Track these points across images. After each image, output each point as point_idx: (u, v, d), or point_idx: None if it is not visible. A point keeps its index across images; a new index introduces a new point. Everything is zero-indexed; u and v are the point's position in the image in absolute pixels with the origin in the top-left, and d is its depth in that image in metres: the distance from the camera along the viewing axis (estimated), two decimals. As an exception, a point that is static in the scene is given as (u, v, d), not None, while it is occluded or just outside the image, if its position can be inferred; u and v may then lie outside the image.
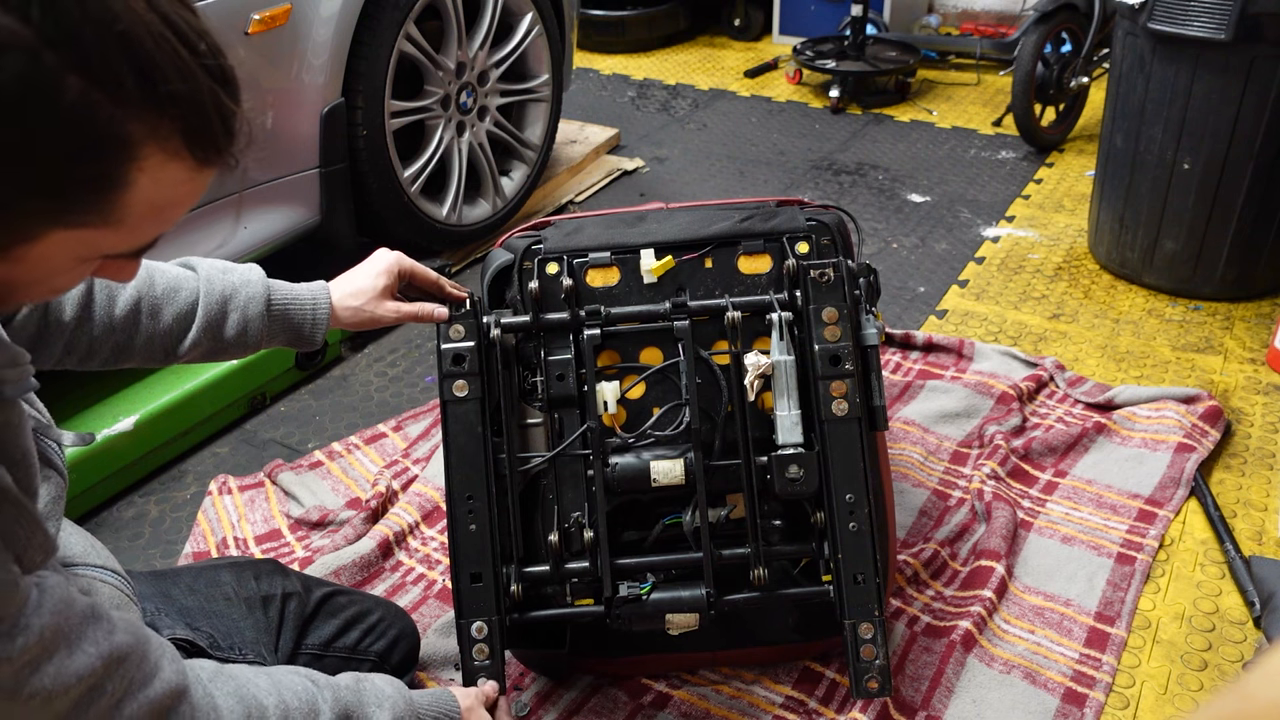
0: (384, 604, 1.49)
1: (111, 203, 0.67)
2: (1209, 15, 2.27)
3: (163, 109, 0.66)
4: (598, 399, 1.38)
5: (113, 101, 0.63)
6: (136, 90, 0.64)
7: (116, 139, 0.65)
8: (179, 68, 0.66)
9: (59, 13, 0.60)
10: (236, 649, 1.23)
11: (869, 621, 1.33)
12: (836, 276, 1.35)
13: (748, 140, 3.72)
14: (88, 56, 0.61)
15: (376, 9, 2.37)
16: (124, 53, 0.63)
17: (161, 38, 0.65)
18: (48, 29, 0.60)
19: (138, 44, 0.63)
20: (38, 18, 0.59)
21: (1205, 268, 2.55)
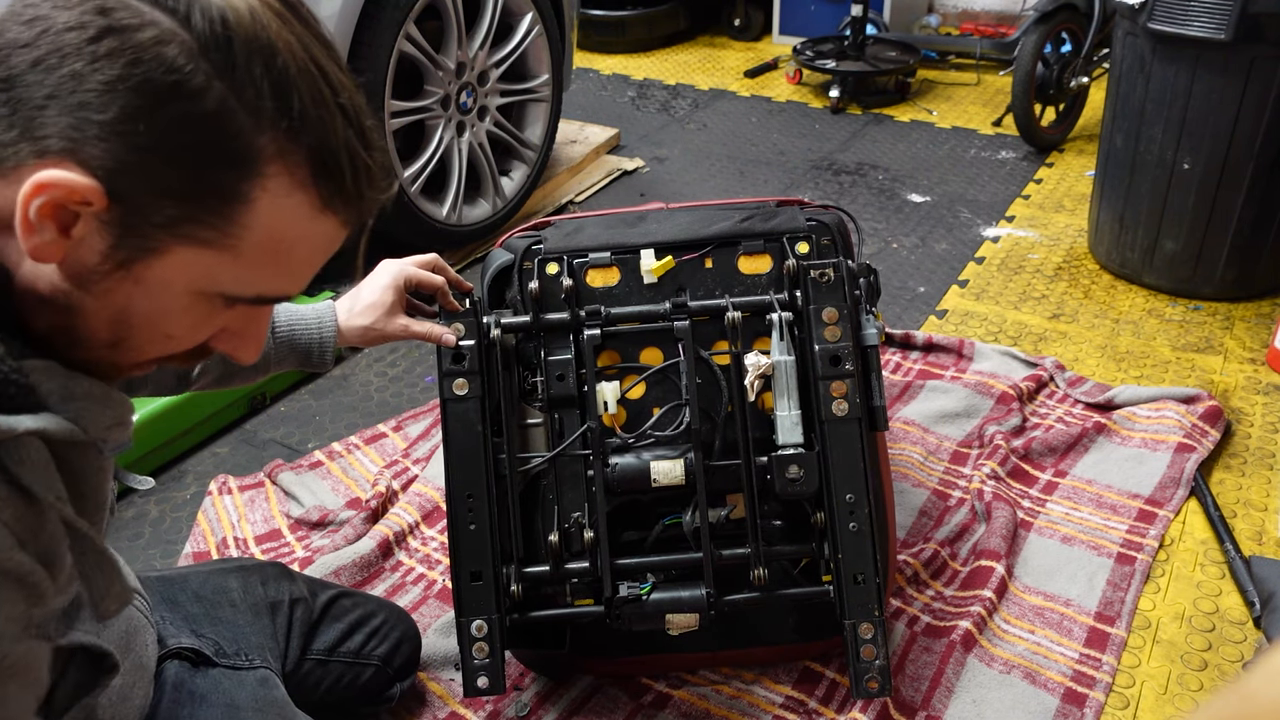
0: (387, 606, 1.49)
1: (231, 217, 0.68)
2: (1209, 15, 2.27)
3: (295, 133, 0.68)
4: (598, 399, 1.38)
5: (249, 113, 0.66)
6: (273, 108, 0.66)
7: (246, 151, 0.67)
8: (316, 98, 0.68)
9: (215, 22, 0.64)
10: (243, 655, 1.22)
11: (869, 621, 1.33)
12: (836, 276, 1.35)
13: (748, 140, 3.72)
14: (234, 67, 0.65)
15: (376, 9, 2.37)
16: (268, 72, 0.66)
17: (305, 70, 0.68)
18: (203, 36, 0.64)
19: (282, 68, 0.66)
20: (198, 24, 0.64)
21: (1205, 268, 2.55)
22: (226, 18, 0.64)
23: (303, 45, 0.68)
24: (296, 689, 1.33)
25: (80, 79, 0.62)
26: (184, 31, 0.63)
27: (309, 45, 0.69)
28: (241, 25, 0.65)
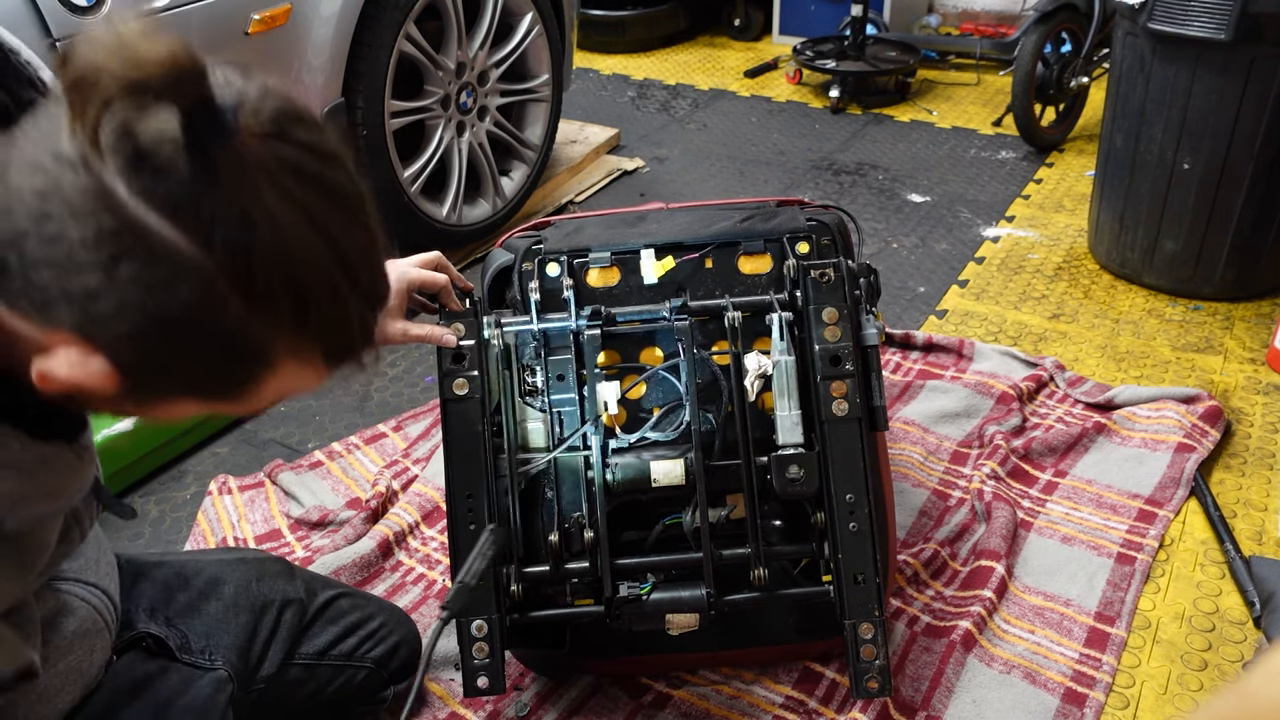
0: (388, 609, 1.48)
1: (240, 392, 0.72)
2: (1209, 15, 2.27)
3: (310, 331, 0.69)
4: (598, 399, 1.38)
5: (266, 325, 0.66)
6: (291, 319, 0.67)
7: (261, 353, 0.68)
8: (336, 301, 0.68)
9: (237, 244, 0.62)
10: (207, 653, 1.21)
11: (869, 621, 1.33)
12: (837, 276, 1.35)
13: (748, 140, 3.72)
14: (254, 284, 0.64)
15: (376, 9, 2.37)
16: (288, 285, 0.65)
17: (326, 273, 0.67)
18: (224, 258, 0.62)
19: (303, 278, 0.66)
20: (219, 247, 0.62)
21: (1205, 268, 2.55)
22: (249, 238, 0.62)
23: (326, 238, 0.66)
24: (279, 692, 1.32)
25: (94, 297, 0.62)
26: (204, 255, 0.62)
27: (333, 231, 0.67)
28: (263, 243, 0.63)
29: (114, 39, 0.59)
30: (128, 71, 0.58)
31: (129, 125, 0.59)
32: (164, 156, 0.60)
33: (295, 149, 0.64)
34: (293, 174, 0.64)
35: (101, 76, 0.58)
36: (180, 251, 0.61)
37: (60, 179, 0.60)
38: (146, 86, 0.58)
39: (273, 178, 0.63)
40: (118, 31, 0.59)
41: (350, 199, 0.68)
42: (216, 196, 0.61)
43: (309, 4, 2.26)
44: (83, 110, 0.59)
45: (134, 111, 0.59)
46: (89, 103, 0.58)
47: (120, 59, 0.58)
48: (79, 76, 0.58)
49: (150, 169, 0.60)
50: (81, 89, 0.58)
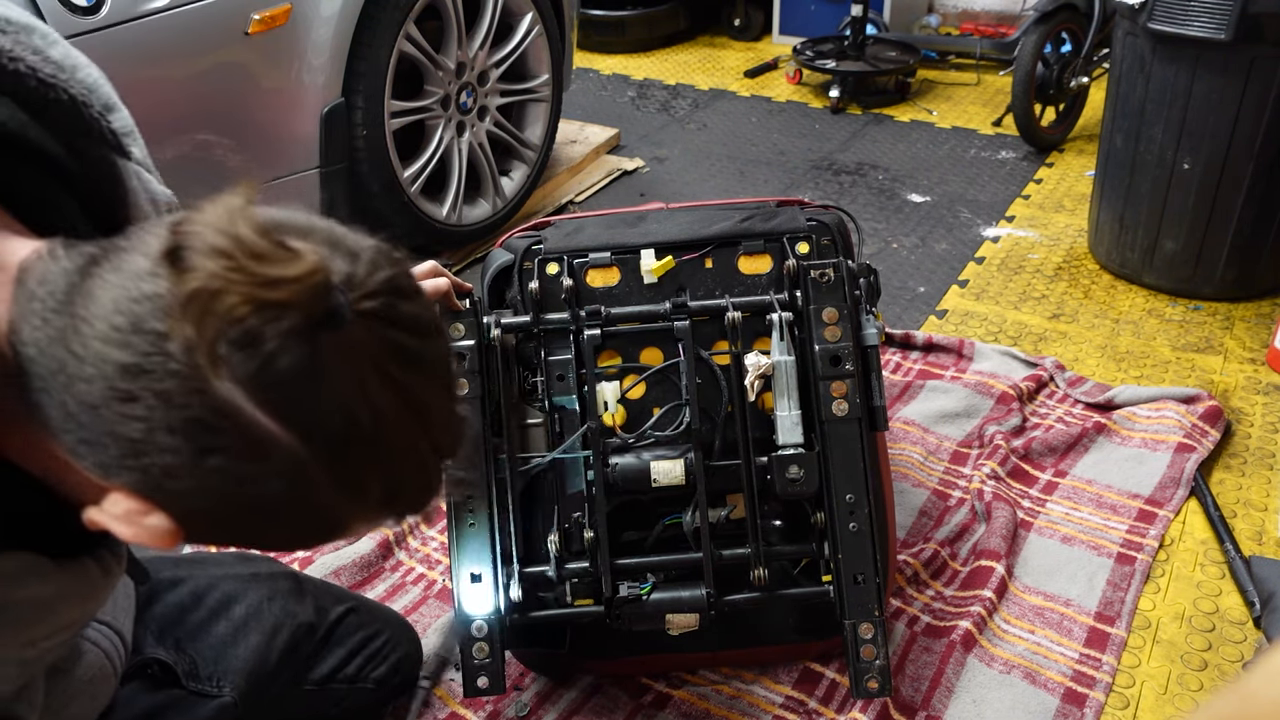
0: (393, 622, 1.46)
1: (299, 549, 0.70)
2: (1209, 15, 2.27)
3: (393, 511, 0.67)
4: (598, 399, 1.38)
5: (352, 506, 0.64)
6: (378, 502, 0.64)
7: (336, 527, 0.66)
8: (422, 478, 0.66)
9: (338, 438, 0.59)
10: (214, 679, 1.20)
11: (869, 621, 1.33)
12: (837, 276, 1.35)
13: (748, 140, 3.72)
14: (347, 475, 0.61)
15: (376, 9, 2.37)
16: (382, 474, 0.63)
17: (419, 456, 0.65)
18: (323, 451, 0.59)
19: (397, 467, 0.63)
20: (320, 441, 0.59)
21: (1205, 268, 2.55)
22: (350, 432, 0.59)
23: (421, 418, 0.63)
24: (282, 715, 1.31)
25: (172, 475, 0.59)
26: (302, 448, 0.59)
27: (427, 408, 0.64)
28: (363, 435, 0.60)
29: (234, 243, 0.55)
30: (257, 293, 0.55)
31: (247, 332, 0.55)
32: (273, 353, 0.56)
33: (400, 331, 0.61)
34: (397, 358, 0.61)
35: (226, 297, 0.55)
36: (278, 445, 0.58)
37: (154, 363, 0.56)
38: (276, 306, 0.55)
39: (378, 364, 0.60)
40: (238, 236, 0.56)
41: (442, 369, 0.66)
42: (323, 391, 0.58)
43: (309, 4, 2.26)
44: (199, 322, 0.55)
45: (255, 323, 0.55)
46: (207, 316, 0.55)
47: (249, 278, 0.55)
48: (199, 290, 0.55)
49: (258, 363, 0.56)
50: (200, 301, 0.55)
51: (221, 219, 0.56)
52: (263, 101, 2.26)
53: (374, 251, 0.62)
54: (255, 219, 0.57)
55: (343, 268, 0.60)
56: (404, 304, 0.62)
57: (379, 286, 0.60)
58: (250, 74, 2.21)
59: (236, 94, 2.20)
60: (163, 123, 2.07)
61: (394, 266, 0.62)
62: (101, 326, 0.57)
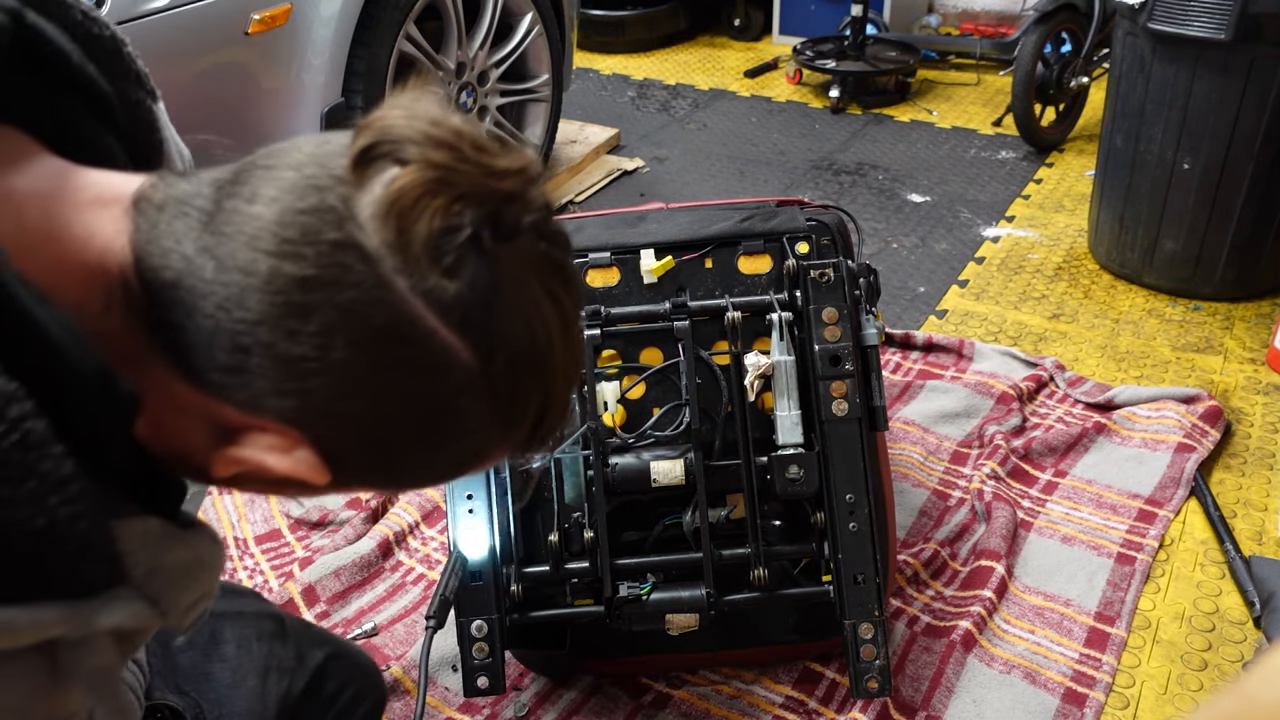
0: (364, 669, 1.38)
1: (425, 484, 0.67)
2: (1209, 15, 2.27)
3: (536, 440, 0.64)
4: (598, 399, 1.38)
5: (505, 432, 0.61)
6: (529, 426, 0.62)
7: (483, 456, 0.63)
8: (564, 406, 0.64)
9: (512, 353, 0.57)
10: None
11: (869, 621, 1.33)
12: (836, 276, 1.35)
13: (748, 140, 3.72)
14: (513, 393, 0.59)
15: (376, 9, 2.37)
16: (540, 395, 0.60)
17: (569, 380, 0.62)
18: (497, 365, 0.57)
19: (551, 388, 0.61)
20: (499, 362, 0.56)
21: (1205, 268, 2.55)
22: (528, 355, 0.57)
23: (573, 341, 0.61)
24: None
25: (341, 397, 0.55)
26: (481, 368, 0.56)
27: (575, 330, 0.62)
28: (537, 359, 0.58)
29: (453, 134, 0.53)
30: (488, 183, 0.53)
31: (444, 228, 0.53)
32: (459, 258, 0.53)
33: (554, 246, 0.59)
34: (557, 273, 0.59)
35: (456, 178, 0.52)
36: (457, 359, 0.55)
37: (334, 273, 0.53)
38: (503, 197, 0.53)
39: (543, 279, 0.57)
40: (456, 127, 0.53)
41: (582, 287, 0.65)
42: (503, 303, 0.55)
43: (309, 4, 2.26)
44: (408, 218, 0.52)
45: (477, 216, 0.53)
46: (415, 219, 0.52)
47: (477, 168, 0.53)
48: (416, 181, 0.52)
49: (444, 271, 0.53)
50: (418, 193, 0.52)
51: (432, 112, 0.54)
52: (263, 101, 2.26)
53: (534, 163, 0.59)
54: (458, 113, 0.55)
55: (519, 173, 0.57)
56: (553, 221, 0.59)
57: (538, 199, 0.57)
58: (250, 74, 2.21)
59: (236, 94, 2.20)
60: (163, 123, 2.07)
61: (542, 184, 0.59)
62: (267, 239, 0.53)
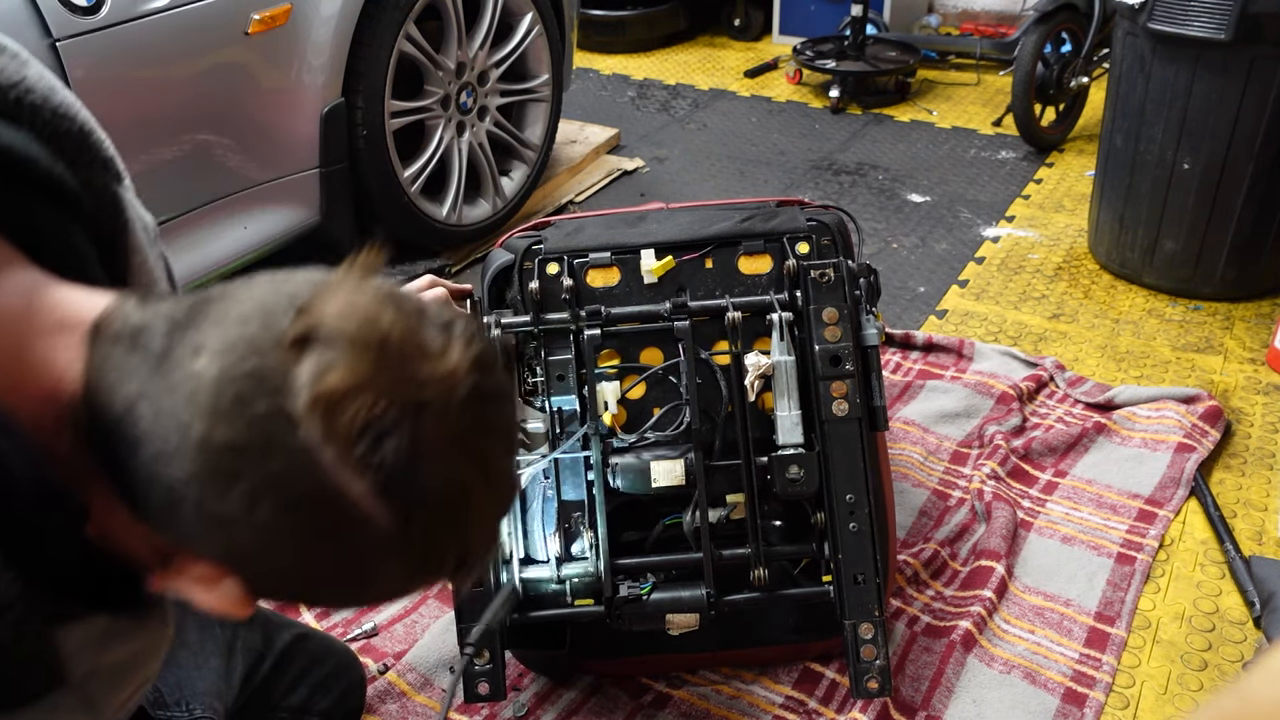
0: (337, 651, 1.42)
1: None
2: (1209, 15, 2.27)
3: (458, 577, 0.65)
4: (598, 399, 1.38)
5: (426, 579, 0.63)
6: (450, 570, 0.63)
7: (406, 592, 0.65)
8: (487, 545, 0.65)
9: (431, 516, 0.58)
10: (184, 704, 1.16)
11: (869, 622, 1.33)
12: (837, 277, 1.35)
13: (748, 140, 3.72)
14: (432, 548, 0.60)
15: (376, 9, 2.37)
16: (459, 546, 0.61)
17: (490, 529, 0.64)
18: (416, 527, 0.58)
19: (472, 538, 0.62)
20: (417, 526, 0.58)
21: (1205, 268, 2.55)
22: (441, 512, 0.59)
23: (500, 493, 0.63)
24: None
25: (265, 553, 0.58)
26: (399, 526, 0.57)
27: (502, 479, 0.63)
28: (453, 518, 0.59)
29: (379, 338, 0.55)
30: (403, 393, 0.55)
31: (379, 428, 0.55)
32: (388, 438, 0.55)
33: (488, 405, 0.61)
34: (484, 432, 0.60)
35: (366, 394, 0.54)
36: (377, 524, 0.57)
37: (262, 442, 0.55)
38: (419, 405, 0.55)
39: (470, 441, 0.59)
40: (383, 332, 0.55)
41: (513, 433, 0.65)
42: (424, 472, 0.57)
43: (309, 4, 2.26)
44: (332, 415, 0.54)
45: (393, 419, 0.55)
46: (342, 413, 0.54)
47: (395, 377, 0.55)
48: (337, 388, 0.54)
49: (371, 448, 0.55)
50: (338, 397, 0.54)
51: (364, 308, 0.56)
52: (263, 101, 2.26)
53: (465, 323, 0.61)
54: (397, 306, 0.57)
55: (454, 351, 0.59)
56: (490, 377, 0.61)
57: (474, 363, 0.59)
58: (250, 74, 2.21)
59: (236, 94, 2.20)
60: (163, 123, 2.07)
61: (481, 339, 0.62)
62: (203, 400, 0.55)
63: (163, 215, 2.10)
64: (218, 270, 2.26)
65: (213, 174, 2.21)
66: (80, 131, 0.74)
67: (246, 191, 2.28)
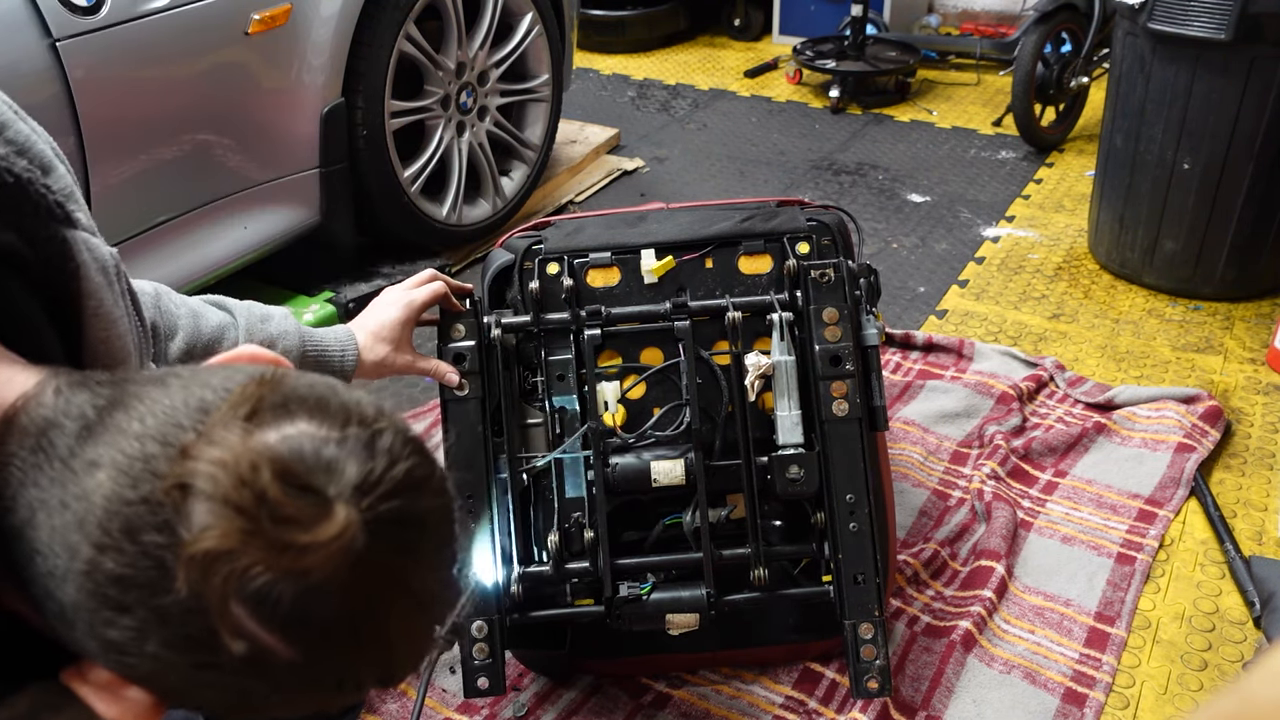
0: None
1: None
2: (1209, 15, 2.27)
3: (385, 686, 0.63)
4: (598, 399, 1.38)
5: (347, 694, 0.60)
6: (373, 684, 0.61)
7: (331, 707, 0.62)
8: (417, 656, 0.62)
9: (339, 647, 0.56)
10: None
11: (869, 621, 1.33)
12: (837, 277, 1.35)
13: (748, 140, 3.72)
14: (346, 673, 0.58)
15: (376, 9, 2.37)
16: (379, 665, 0.59)
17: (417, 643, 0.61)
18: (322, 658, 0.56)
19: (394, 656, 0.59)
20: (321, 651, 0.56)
21: (1205, 268, 2.55)
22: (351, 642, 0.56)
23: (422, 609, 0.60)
24: None
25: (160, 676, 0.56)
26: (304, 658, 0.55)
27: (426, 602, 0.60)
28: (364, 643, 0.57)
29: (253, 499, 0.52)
30: (279, 560, 0.52)
31: (260, 586, 0.52)
32: (282, 586, 0.53)
33: (413, 529, 0.57)
34: (407, 556, 0.57)
35: (242, 559, 0.51)
36: (278, 658, 0.55)
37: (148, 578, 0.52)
38: (299, 572, 0.53)
39: (387, 569, 0.56)
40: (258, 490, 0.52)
41: (449, 549, 0.62)
42: (329, 607, 0.54)
43: (309, 4, 2.26)
44: (207, 573, 0.52)
45: (270, 581, 0.52)
46: (217, 574, 0.52)
47: (269, 543, 0.52)
48: (210, 550, 0.51)
49: (263, 593, 0.53)
50: (211, 559, 0.51)
51: (240, 461, 0.53)
52: (263, 101, 2.26)
53: (392, 436, 0.58)
54: (276, 460, 0.53)
55: (361, 465, 0.56)
56: (420, 500, 0.58)
57: (397, 485, 0.56)
58: (250, 74, 2.21)
59: (236, 94, 2.20)
60: (163, 123, 2.07)
61: (412, 454, 0.58)
62: (92, 526, 0.53)
63: (163, 215, 2.10)
64: (218, 270, 2.26)
65: (213, 174, 2.20)
66: (17, 182, 0.70)
67: (246, 191, 2.28)
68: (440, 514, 0.60)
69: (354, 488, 0.55)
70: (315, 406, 0.57)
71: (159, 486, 0.53)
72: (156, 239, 2.10)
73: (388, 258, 2.69)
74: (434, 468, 0.60)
